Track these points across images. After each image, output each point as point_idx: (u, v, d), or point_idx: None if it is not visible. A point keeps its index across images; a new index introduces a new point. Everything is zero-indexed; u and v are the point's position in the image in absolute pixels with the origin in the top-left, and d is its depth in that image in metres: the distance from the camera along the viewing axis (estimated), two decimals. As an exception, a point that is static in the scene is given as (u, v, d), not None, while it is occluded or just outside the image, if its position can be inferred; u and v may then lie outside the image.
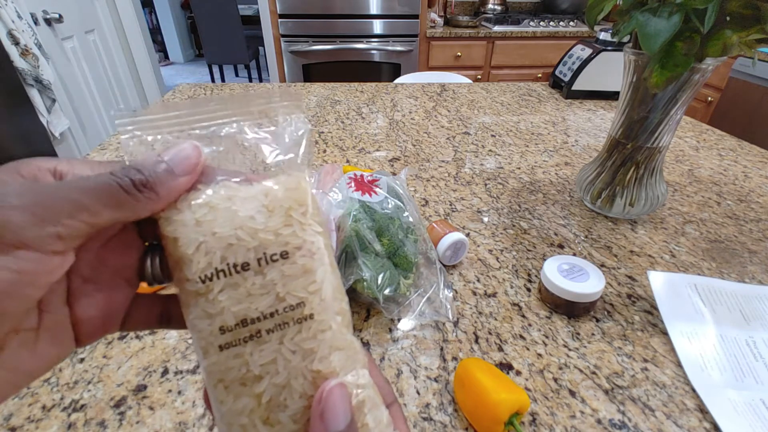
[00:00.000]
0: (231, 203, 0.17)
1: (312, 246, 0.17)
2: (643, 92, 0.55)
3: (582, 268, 0.47)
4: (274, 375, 0.16)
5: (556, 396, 0.39)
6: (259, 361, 0.16)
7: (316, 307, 0.17)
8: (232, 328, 0.16)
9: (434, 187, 0.74)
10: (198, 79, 4.53)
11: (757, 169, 0.83)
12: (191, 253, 0.16)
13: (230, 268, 0.16)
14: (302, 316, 0.17)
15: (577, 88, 1.18)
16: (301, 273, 0.17)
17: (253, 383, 0.16)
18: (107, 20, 2.32)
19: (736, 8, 0.43)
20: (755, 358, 0.42)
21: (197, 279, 0.16)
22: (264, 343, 0.16)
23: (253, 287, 0.16)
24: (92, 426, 0.36)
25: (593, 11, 0.53)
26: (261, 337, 0.16)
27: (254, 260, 0.16)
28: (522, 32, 2.40)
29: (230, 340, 0.16)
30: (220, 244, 0.16)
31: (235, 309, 0.16)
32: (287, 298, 0.17)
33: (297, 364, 0.17)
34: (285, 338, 0.17)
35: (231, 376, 0.16)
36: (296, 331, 0.17)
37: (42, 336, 0.16)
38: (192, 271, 0.16)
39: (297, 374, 0.17)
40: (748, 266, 0.56)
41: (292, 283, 0.17)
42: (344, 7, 2.28)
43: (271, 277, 0.17)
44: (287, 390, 0.16)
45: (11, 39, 1.53)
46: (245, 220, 0.17)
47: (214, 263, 0.16)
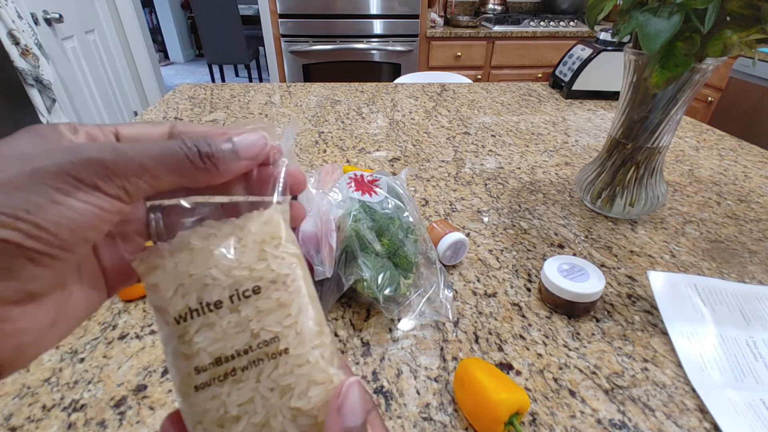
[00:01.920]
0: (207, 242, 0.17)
1: (287, 278, 0.17)
2: (643, 92, 0.55)
3: (582, 268, 0.47)
4: (252, 415, 0.16)
5: (556, 396, 0.39)
6: (237, 401, 0.16)
7: (291, 341, 0.17)
8: (207, 368, 0.16)
9: (434, 187, 0.74)
10: (198, 79, 4.53)
11: (757, 169, 0.83)
12: (170, 297, 0.16)
13: (203, 308, 0.16)
14: (277, 351, 0.17)
15: (577, 88, 1.18)
16: (275, 307, 0.17)
17: (231, 424, 0.16)
18: (107, 20, 2.32)
19: (736, 8, 0.43)
20: (755, 358, 0.42)
21: (173, 321, 0.16)
22: (241, 382, 0.16)
23: (228, 325, 0.16)
24: (92, 426, 0.36)
25: (593, 11, 0.53)
26: (236, 375, 0.16)
27: (227, 298, 0.16)
28: (522, 32, 2.40)
29: (206, 380, 0.16)
30: (196, 285, 0.16)
31: (211, 348, 0.16)
32: (261, 334, 0.16)
33: (275, 402, 0.16)
34: (261, 375, 0.16)
35: (209, 417, 0.16)
36: (272, 367, 0.16)
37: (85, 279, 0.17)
38: (169, 314, 0.16)
39: (276, 412, 0.16)
40: (749, 266, 0.56)
41: (266, 318, 0.17)
42: (344, 7, 2.28)
43: (245, 314, 0.17)
44: (266, 429, 0.16)
45: (11, 39, 1.53)
46: (219, 258, 0.17)
47: (190, 304, 0.16)
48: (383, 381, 0.40)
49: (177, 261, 0.17)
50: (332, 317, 0.47)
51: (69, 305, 0.16)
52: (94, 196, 0.15)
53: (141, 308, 0.48)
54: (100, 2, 2.25)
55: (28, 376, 0.40)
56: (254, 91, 1.23)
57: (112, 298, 0.49)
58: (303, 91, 1.24)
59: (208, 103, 1.13)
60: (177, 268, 0.17)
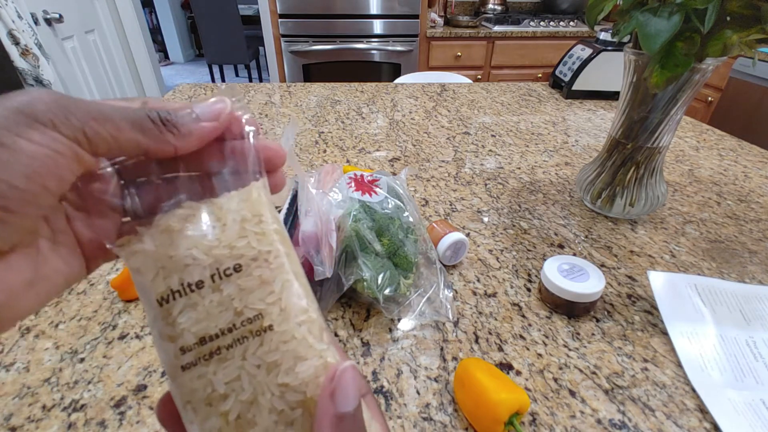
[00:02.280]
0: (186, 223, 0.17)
1: (269, 255, 0.17)
2: (644, 92, 0.55)
3: (582, 268, 0.47)
4: (239, 392, 0.16)
5: (556, 396, 0.39)
6: (224, 379, 0.16)
7: (275, 318, 0.17)
8: (191, 348, 0.16)
9: (434, 187, 0.74)
10: (198, 79, 4.53)
11: (757, 169, 0.83)
12: (151, 280, 0.16)
13: (185, 288, 0.16)
14: (261, 328, 0.17)
15: (577, 88, 1.18)
16: (257, 285, 0.17)
17: (218, 402, 0.16)
18: (107, 20, 2.32)
19: (736, 8, 0.43)
20: (755, 358, 0.42)
21: (156, 303, 0.16)
22: (226, 360, 0.16)
23: (211, 305, 0.16)
24: (92, 426, 0.36)
25: (593, 11, 0.53)
26: (222, 354, 0.16)
27: (209, 277, 0.16)
28: (522, 32, 2.40)
29: (192, 360, 0.16)
30: (177, 266, 0.16)
31: (195, 328, 0.16)
32: (245, 312, 0.16)
33: (262, 379, 0.16)
34: (247, 353, 0.16)
35: (197, 396, 0.16)
36: (257, 344, 0.16)
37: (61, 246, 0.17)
38: (152, 296, 0.16)
39: (264, 390, 0.16)
40: (749, 266, 0.56)
41: (248, 296, 0.17)
42: (344, 7, 2.28)
43: (228, 293, 0.16)
44: (255, 406, 0.16)
45: (11, 39, 1.53)
46: (200, 238, 0.17)
47: (172, 286, 0.16)
48: (383, 381, 0.40)
49: (157, 244, 0.17)
50: (332, 317, 0.47)
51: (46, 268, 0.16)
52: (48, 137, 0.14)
53: (141, 308, 0.48)
54: (100, 2, 2.25)
55: (28, 376, 0.40)
56: (254, 91, 1.23)
57: (112, 298, 0.49)
58: (303, 91, 1.24)
59: (208, 103, 1.13)
60: (157, 251, 0.17)
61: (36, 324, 0.46)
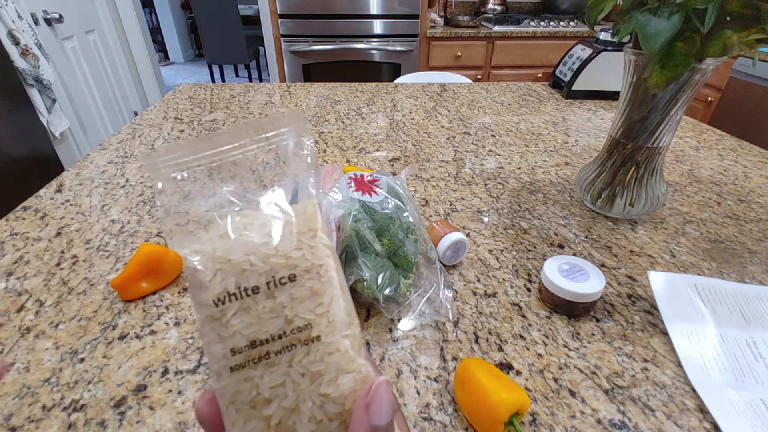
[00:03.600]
0: (246, 231, 0.18)
1: (320, 269, 0.18)
2: (644, 92, 0.55)
3: (582, 268, 0.47)
4: (283, 398, 0.17)
5: (556, 396, 0.39)
6: (269, 384, 0.17)
7: (323, 329, 0.17)
8: (242, 350, 0.17)
9: (434, 187, 0.74)
10: (198, 79, 4.53)
11: (758, 169, 0.83)
12: (208, 280, 0.17)
13: (242, 292, 0.17)
14: (309, 338, 0.17)
15: (578, 88, 1.18)
16: (308, 295, 0.17)
17: (262, 406, 0.17)
18: (107, 20, 2.32)
19: (736, 8, 0.43)
20: (755, 358, 0.42)
21: (212, 303, 0.17)
22: (273, 366, 0.17)
23: (264, 310, 0.17)
24: (92, 426, 0.36)
25: (593, 11, 0.53)
26: (270, 359, 0.17)
27: (264, 284, 0.17)
28: (522, 32, 2.40)
29: (241, 361, 0.17)
30: (235, 270, 0.17)
31: (246, 331, 0.17)
32: (295, 320, 0.17)
33: (305, 388, 0.17)
34: (293, 361, 0.17)
35: (241, 398, 0.17)
36: (304, 353, 0.17)
37: None
38: (208, 296, 0.17)
39: (306, 398, 0.17)
40: (749, 266, 0.56)
41: (299, 306, 0.17)
42: (344, 7, 2.28)
43: (280, 300, 0.17)
44: (296, 414, 0.17)
45: (11, 39, 1.53)
46: (258, 246, 0.17)
47: (229, 288, 0.17)
48: (383, 381, 0.40)
49: (216, 247, 0.17)
50: (332, 317, 0.47)
51: None
52: None
53: (141, 308, 0.48)
54: (100, 2, 2.25)
55: (28, 376, 0.40)
56: (254, 91, 1.23)
57: (112, 298, 0.49)
58: (303, 91, 1.24)
59: (208, 103, 1.13)
60: (215, 253, 0.17)
61: (36, 324, 0.46)
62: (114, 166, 0.80)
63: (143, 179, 0.75)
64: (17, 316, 0.46)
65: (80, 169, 0.78)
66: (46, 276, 0.52)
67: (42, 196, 0.70)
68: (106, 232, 0.61)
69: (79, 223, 0.63)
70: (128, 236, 0.60)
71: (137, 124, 0.99)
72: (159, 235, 0.60)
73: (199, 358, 0.42)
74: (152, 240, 0.59)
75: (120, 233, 0.60)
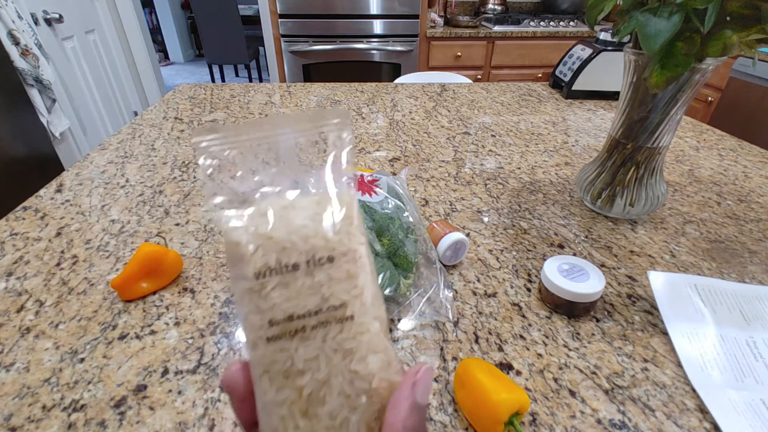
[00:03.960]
0: (287, 212, 0.19)
1: (355, 254, 0.19)
2: (643, 92, 0.55)
3: (582, 268, 0.47)
4: (316, 371, 0.18)
5: (556, 396, 0.39)
6: (304, 356, 0.18)
7: (357, 309, 0.18)
8: (280, 322, 0.18)
9: (434, 187, 0.74)
10: (198, 79, 4.53)
11: (758, 169, 0.83)
12: (250, 254, 0.18)
13: (282, 268, 0.18)
14: (344, 317, 0.18)
15: (577, 88, 1.18)
16: (345, 277, 0.18)
17: (296, 377, 0.18)
18: (107, 20, 2.32)
19: (736, 8, 0.43)
20: (755, 358, 0.42)
21: (252, 276, 0.18)
22: (308, 340, 0.18)
23: (302, 287, 0.18)
24: (92, 426, 0.36)
25: (593, 11, 0.53)
26: (306, 333, 0.18)
27: (304, 262, 0.18)
28: (522, 32, 2.40)
29: (278, 333, 0.18)
30: (276, 247, 0.18)
31: (285, 305, 0.18)
32: (331, 299, 0.18)
33: (338, 363, 0.18)
34: (327, 336, 0.18)
35: (276, 368, 0.18)
36: (338, 330, 0.18)
37: None
38: (249, 269, 0.18)
39: (337, 372, 0.18)
40: (749, 266, 0.56)
41: (336, 286, 0.18)
42: (344, 7, 2.28)
43: (318, 279, 0.18)
44: (327, 386, 0.18)
45: (11, 39, 1.53)
46: (299, 227, 0.19)
47: (270, 263, 0.18)
48: (383, 381, 0.40)
49: (258, 224, 0.19)
50: (332, 317, 0.47)
51: None
52: None
53: (141, 308, 0.48)
54: (100, 2, 2.25)
55: (28, 376, 0.40)
56: (254, 91, 1.23)
57: (112, 298, 0.49)
58: (303, 91, 1.24)
59: (208, 103, 1.13)
60: (258, 230, 0.18)
61: (36, 324, 0.46)
62: (114, 166, 0.80)
63: (143, 179, 0.75)
64: (17, 316, 0.46)
65: (80, 169, 0.78)
66: (46, 276, 0.52)
67: (42, 196, 0.70)
68: (106, 232, 0.61)
69: (79, 223, 0.63)
70: (128, 236, 0.60)
71: (137, 124, 0.99)
72: (159, 235, 0.60)
73: (199, 358, 0.42)
74: (152, 240, 0.59)
75: (120, 233, 0.60)
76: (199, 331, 0.45)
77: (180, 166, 0.80)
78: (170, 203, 0.68)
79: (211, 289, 0.51)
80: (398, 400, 0.17)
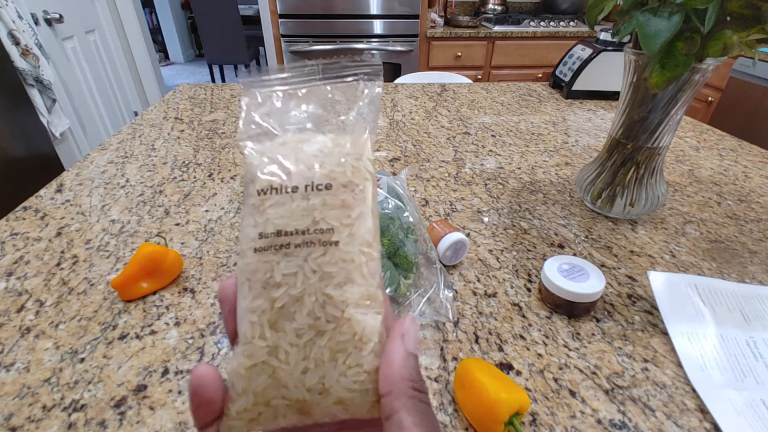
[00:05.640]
0: (302, 144, 0.21)
1: (356, 187, 0.20)
2: (644, 92, 0.55)
3: (582, 268, 0.47)
4: (291, 287, 0.18)
5: (556, 396, 0.39)
6: (283, 270, 0.18)
7: (344, 237, 0.19)
8: (269, 236, 0.19)
9: (434, 187, 0.74)
10: (198, 79, 4.53)
11: (758, 169, 0.83)
12: (258, 174, 0.20)
13: (283, 188, 0.19)
14: (329, 241, 0.19)
15: (578, 88, 1.18)
16: (339, 205, 0.19)
17: (272, 288, 0.18)
18: (107, 20, 2.32)
19: (736, 8, 0.43)
20: (755, 358, 0.42)
21: (256, 192, 0.19)
22: (291, 256, 0.19)
23: (297, 208, 0.19)
24: (92, 426, 0.36)
25: (593, 11, 0.53)
26: (290, 249, 0.19)
27: (303, 186, 0.19)
28: (522, 32, 2.40)
29: (265, 245, 0.19)
30: (282, 170, 0.20)
31: (277, 221, 0.19)
32: (320, 223, 0.19)
33: (314, 283, 0.18)
34: (309, 257, 0.19)
35: (256, 277, 0.19)
36: (320, 252, 0.19)
37: None
38: (255, 187, 0.20)
39: (311, 292, 0.18)
40: (749, 266, 0.56)
41: (329, 212, 0.19)
42: (344, 8, 2.28)
43: (313, 203, 0.19)
44: (299, 304, 0.18)
45: (12, 39, 1.53)
46: (308, 156, 0.20)
47: (273, 183, 0.19)
48: (383, 381, 0.40)
49: (272, 151, 0.20)
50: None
51: None
52: None
53: (141, 308, 0.48)
54: (100, 2, 2.25)
55: (28, 376, 0.40)
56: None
57: (112, 298, 0.49)
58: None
59: (208, 103, 1.13)
60: (270, 155, 0.20)
61: (36, 324, 0.46)
62: (114, 166, 0.80)
63: (143, 179, 0.75)
64: (17, 316, 0.46)
65: (80, 169, 0.78)
66: (46, 276, 0.52)
67: (42, 196, 0.70)
68: (106, 232, 0.61)
69: (79, 223, 0.63)
70: (128, 236, 0.60)
71: (137, 124, 0.99)
72: (159, 234, 0.60)
73: (199, 358, 0.42)
74: (152, 240, 0.59)
75: (120, 233, 0.60)
76: (199, 331, 0.45)
77: (180, 166, 0.80)
78: (170, 203, 0.68)
79: (211, 289, 0.51)
80: (390, 352, 0.18)
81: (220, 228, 0.62)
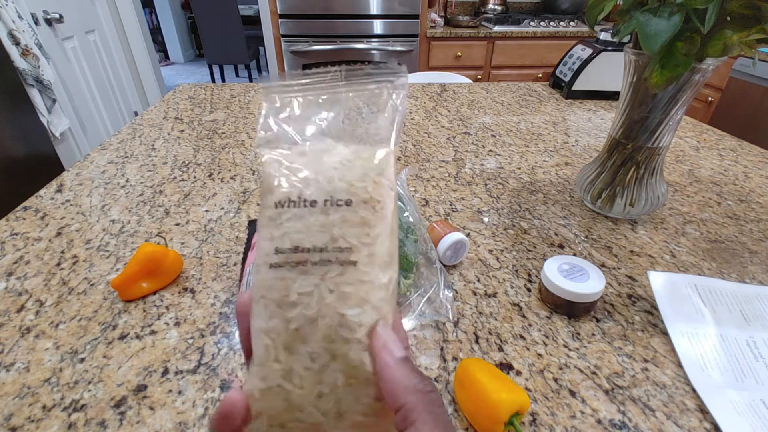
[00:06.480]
0: (322, 155, 0.20)
1: (377, 204, 0.19)
2: (644, 92, 0.55)
3: (582, 268, 0.47)
4: (306, 306, 0.18)
5: (556, 396, 0.39)
6: (299, 289, 0.18)
7: (362, 258, 0.18)
8: (285, 251, 0.18)
9: (434, 187, 0.74)
10: (198, 79, 4.53)
11: (758, 169, 0.83)
12: (276, 185, 0.19)
13: (301, 202, 0.19)
14: (347, 260, 0.18)
15: (578, 88, 1.18)
16: (359, 223, 0.18)
17: (287, 308, 0.18)
18: (107, 20, 2.32)
19: (736, 8, 0.43)
20: (755, 358, 0.42)
21: (273, 204, 0.19)
22: (307, 274, 0.18)
23: (315, 223, 0.18)
24: (92, 426, 0.36)
25: (593, 11, 0.53)
26: (306, 267, 0.18)
27: (322, 200, 0.19)
28: (522, 32, 2.40)
29: (280, 261, 0.18)
30: (301, 183, 0.19)
31: (294, 236, 0.18)
32: (339, 241, 0.18)
33: (330, 303, 0.18)
34: (326, 276, 0.18)
35: (271, 295, 0.18)
36: (337, 272, 0.18)
37: None
38: (272, 198, 0.19)
39: (326, 313, 0.18)
40: (749, 266, 0.56)
41: (348, 229, 0.18)
42: (344, 7, 2.28)
43: (332, 219, 0.18)
44: (313, 326, 0.18)
45: (12, 39, 1.53)
46: (328, 168, 0.19)
47: (291, 195, 0.19)
48: (383, 381, 0.40)
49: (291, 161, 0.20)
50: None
51: None
52: None
53: (141, 308, 0.48)
54: (100, 2, 2.25)
55: (28, 376, 0.40)
56: (254, 91, 1.23)
57: (112, 298, 0.49)
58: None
59: (208, 103, 1.13)
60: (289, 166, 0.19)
61: (36, 324, 0.46)
62: (114, 166, 0.80)
63: (143, 179, 0.75)
64: (17, 316, 0.46)
65: (80, 169, 0.78)
66: (47, 276, 0.52)
67: (42, 196, 0.70)
68: (106, 232, 0.61)
69: (79, 223, 0.63)
70: (128, 236, 0.60)
71: (137, 124, 0.99)
72: (159, 234, 0.60)
73: (199, 358, 0.42)
74: (152, 240, 0.59)
75: (120, 233, 0.60)
76: (200, 331, 0.45)
77: (180, 166, 0.80)
78: (170, 203, 0.68)
79: (211, 289, 0.51)
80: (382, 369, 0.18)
81: (220, 228, 0.62)
